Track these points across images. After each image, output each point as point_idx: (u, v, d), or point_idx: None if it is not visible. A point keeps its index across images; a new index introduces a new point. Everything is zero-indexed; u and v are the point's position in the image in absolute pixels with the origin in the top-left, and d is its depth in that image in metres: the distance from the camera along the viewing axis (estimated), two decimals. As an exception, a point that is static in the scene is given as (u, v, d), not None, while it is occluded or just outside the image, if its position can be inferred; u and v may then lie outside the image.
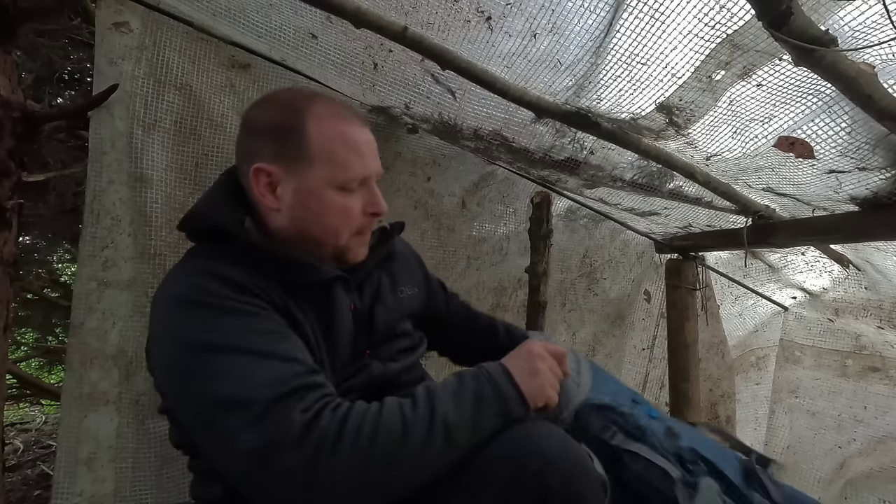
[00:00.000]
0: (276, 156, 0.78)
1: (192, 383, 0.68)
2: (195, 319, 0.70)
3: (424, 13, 0.98)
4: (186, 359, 0.69)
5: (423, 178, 1.62)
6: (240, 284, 0.73)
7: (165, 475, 1.17)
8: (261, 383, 0.65)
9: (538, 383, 0.75)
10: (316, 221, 0.80)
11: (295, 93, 0.85)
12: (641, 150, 1.20)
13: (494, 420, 0.70)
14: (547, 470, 0.66)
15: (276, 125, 0.79)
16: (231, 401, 0.64)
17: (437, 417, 0.67)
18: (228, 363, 0.67)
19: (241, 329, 0.69)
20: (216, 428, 0.64)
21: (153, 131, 1.17)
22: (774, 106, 0.92)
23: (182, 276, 0.77)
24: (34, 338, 3.75)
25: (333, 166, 0.78)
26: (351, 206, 0.81)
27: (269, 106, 0.82)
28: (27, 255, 3.00)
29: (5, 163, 1.05)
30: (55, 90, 2.45)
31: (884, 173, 0.96)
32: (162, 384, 0.77)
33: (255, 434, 0.62)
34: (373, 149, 0.83)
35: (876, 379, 1.78)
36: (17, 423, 3.80)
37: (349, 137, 0.80)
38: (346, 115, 0.82)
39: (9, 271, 1.07)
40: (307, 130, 0.77)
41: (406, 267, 1.01)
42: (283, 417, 0.63)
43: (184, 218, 0.83)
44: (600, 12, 0.86)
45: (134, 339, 1.15)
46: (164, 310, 0.75)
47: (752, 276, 1.99)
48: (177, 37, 1.19)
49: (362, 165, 0.80)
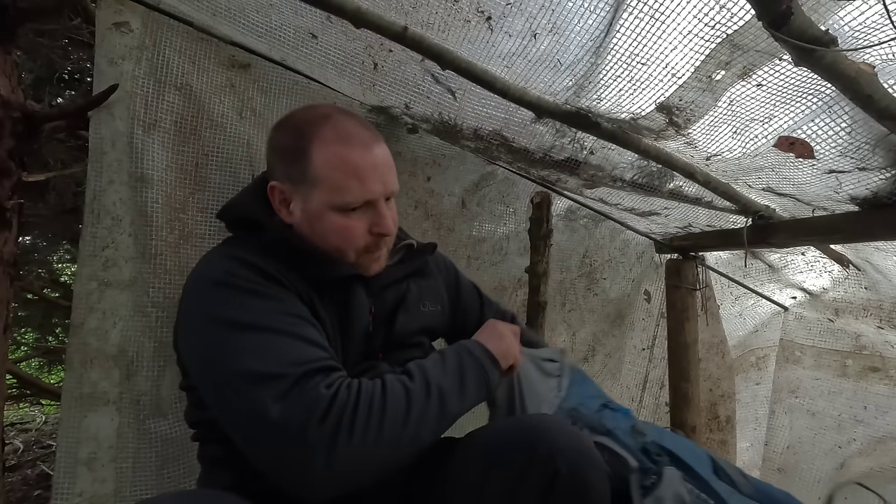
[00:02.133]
0: (286, 176, 0.84)
1: (220, 357, 0.71)
2: (225, 298, 0.75)
3: (424, 13, 0.98)
4: (215, 334, 0.73)
5: (423, 177, 1.63)
6: (268, 273, 0.77)
7: (166, 475, 1.17)
8: (291, 360, 0.70)
9: (504, 344, 0.92)
10: (321, 239, 0.84)
11: (308, 113, 0.87)
12: (641, 150, 1.20)
13: (476, 384, 0.82)
14: (557, 455, 0.72)
15: (287, 147, 0.85)
16: (261, 374, 0.68)
17: (433, 385, 0.76)
18: (258, 340, 0.71)
19: (269, 310, 0.74)
20: (244, 400, 0.67)
21: (153, 131, 1.17)
22: (774, 106, 0.92)
23: (214, 260, 0.82)
24: (34, 338, 3.74)
25: (333, 191, 0.81)
26: (353, 227, 0.83)
27: (285, 127, 0.88)
28: (27, 255, 2.99)
29: (5, 163, 1.05)
30: (55, 90, 2.44)
31: (884, 173, 0.96)
32: (187, 359, 0.80)
33: (284, 405, 0.66)
34: (380, 171, 0.84)
35: (876, 379, 1.78)
36: (17, 423, 3.80)
37: (349, 162, 0.81)
38: (353, 137, 0.83)
39: (9, 271, 1.07)
40: (311, 155, 0.81)
41: (434, 286, 1.06)
42: (312, 391, 0.67)
43: (222, 208, 0.92)
44: (600, 12, 0.86)
45: (135, 339, 1.15)
46: (194, 289, 0.80)
47: (752, 276, 1.99)
48: (177, 37, 1.19)
49: (362, 190, 0.82)
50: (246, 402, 0.67)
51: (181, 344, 0.82)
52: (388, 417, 0.69)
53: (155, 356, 1.17)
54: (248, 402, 0.67)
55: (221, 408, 0.73)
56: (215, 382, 0.72)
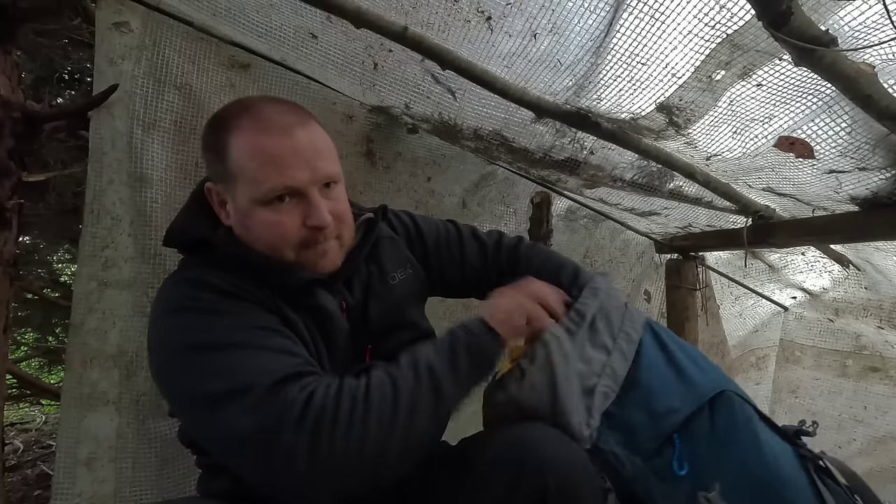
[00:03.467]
0: (214, 175, 0.80)
1: (187, 384, 0.69)
2: (185, 324, 0.72)
3: (424, 13, 0.98)
4: (180, 360, 0.70)
5: (423, 178, 1.62)
6: (225, 290, 0.74)
7: (166, 475, 1.17)
8: (257, 370, 0.66)
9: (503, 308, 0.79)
10: (256, 239, 0.78)
11: (232, 106, 0.82)
12: (641, 150, 1.20)
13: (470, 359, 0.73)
14: (545, 470, 0.68)
15: (210, 143, 0.80)
16: (227, 392, 0.65)
17: (421, 366, 0.70)
18: (222, 359, 0.68)
19: (231, 328, 0.70)
20: (216, 421, 0.65)
21: (153, 131, 1.17)
22: (774, 106, 0.92)
23: (170, 289, 0.79)
24: (34, 338, 3.74)
25: (251, 182, 0.75)
26: (283, 222, 0.76)
27: (210, 123, 0.82)
28: (27, 255, 3.00)
29: (5, 163, 1.05)
30: (55, 90, 2.45)
31: (884, 173, 0.96)
32: (163, 391, 0.77)
33: (255, 417, 0.63)
34: (303, 156, 0.75)
35: (876, 379, 1.78)
36: (17, 423, 3.80)
37: (263, 148, 0.74)
38: (272, 123, 0.76)
39: (9, 271, 1.07)
40: (228, 148, 0.76)
41: (397, 250, 0.96)
42: (283, 398, 0.64)
43: (166, 232, 0.85)
44: (600, 12, 0.86)
45: (134, 339, 1.15)
46: (155, 321, 0.76)
47: (752, 276, 1.99)
48: (177, 37, 1.19)
49: (280, 177, 0.74)
50: (218, 422, 0.64)
51: (155, 377, 0.78)
52: (373, 409, 0.64)
53: (155, 356, 1.16)
54: (219, 421, 0.64)
55: (200, 434, 0.72)
56: (187, 411, 0.71)
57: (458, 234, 1.05)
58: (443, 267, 1.02)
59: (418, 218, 1.06)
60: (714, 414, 0.81)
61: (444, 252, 1.03)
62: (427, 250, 1.02)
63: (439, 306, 1.67)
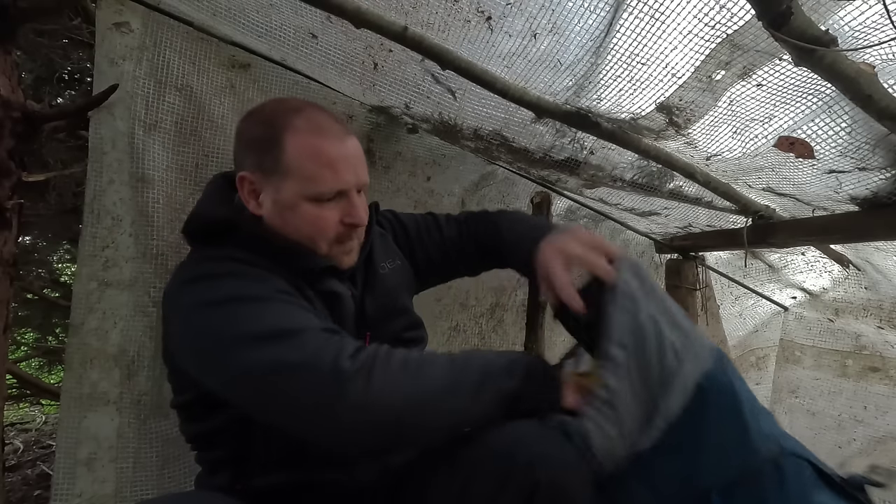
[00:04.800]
0: (257, 166, 0.84)
1: (224, 332, 0.71)
2: (210, 285, 0.76)
3: (424, 13, 0.98)
4: (211, 316, 0.73)
5: (423, 177, 1.62)
6: (249, 262, 0.79)
7: (167, 475, 1.17)
8: (303, 319, 0.72)
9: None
10: (293, 230, 0.84)
11: (280, 105, 0.87)
12: (641, 150, 1.20)
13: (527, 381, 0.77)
14: (536, 465, 0.69)
15: (258, 137, 0.84)
16: (278, 331, 0.69)
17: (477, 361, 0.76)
18: (266, 307, 0.73)
19: (263, 287, 0.75)
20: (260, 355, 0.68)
21: (154, 131, 1.17)
22: (774, 106, 0.92)
23: (192, 266, 0.83)
24: (34, 338, 3.74)
25: (306, 180, 0.81)
26: (325, 217, 0.83)
27: (255, 118, 0.87)
28: (27, 255, 3.00)
29: (5, 163, 1.05)
30: (55, 90, 2.45)
31: (884, 173, 0.96)
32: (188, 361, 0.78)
33: (306, 351, 0.68)
34: (352, 162, 0.85)
35: (876, 379, 1.78)
36: (17, 423, 3.80)
37: (323, 152, 0.82)
38: (325, 128, 0.84)
39: (9, 271, 1.07)
40: (284, 144, 0.81)
41: (383, 243, 1.04)
42: (337, 341, 0.70)
43: (186, 221, 0.88)
44: (600, 12, 0.86)
45: (135, 339, 1.15)
46: (177, 291, 0.80)
47: (752, 276, 1.99)
48: (177, 37, 1.19)
49: (335, 180, 0.82)
50: (264, 357, 0.68)
51: (176, 352, 0.80)
52: (425, 370, 0.71)
53: (156, 356, 1.16)
54: (265, 357, 0.67)
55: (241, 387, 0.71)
56: (225, 363, 0.70)
57: (435, 219, 1.15)
58: (427, 251, 1.10)
59: (400, 214, 1.14)
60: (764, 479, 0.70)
61: (425, 238, 1.11)
62: (411, 241, 1.10)
63: (436, 306, 1.67)
